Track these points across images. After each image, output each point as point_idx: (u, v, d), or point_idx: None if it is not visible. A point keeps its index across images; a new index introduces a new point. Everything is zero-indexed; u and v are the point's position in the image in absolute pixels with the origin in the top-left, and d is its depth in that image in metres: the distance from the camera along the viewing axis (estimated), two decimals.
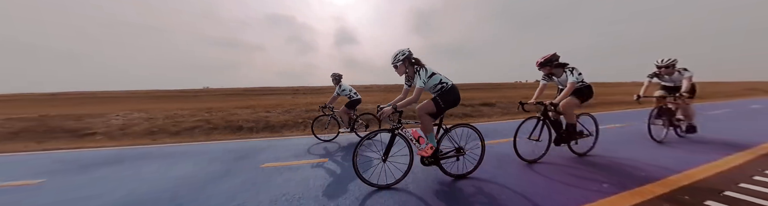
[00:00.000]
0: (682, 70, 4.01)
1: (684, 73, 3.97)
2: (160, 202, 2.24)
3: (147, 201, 2.27)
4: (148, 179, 2.88)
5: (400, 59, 2.44)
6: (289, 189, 2.44)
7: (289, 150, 4.05)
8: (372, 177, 2.49)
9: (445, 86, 2.56)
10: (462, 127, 2.81)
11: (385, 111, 2.31)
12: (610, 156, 3.38)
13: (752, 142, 3.97)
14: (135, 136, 6.13)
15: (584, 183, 2.50)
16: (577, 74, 3.11)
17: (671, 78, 4.16)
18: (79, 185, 2.74)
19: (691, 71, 3.95)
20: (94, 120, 7.18)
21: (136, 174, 3.09)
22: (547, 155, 3.26)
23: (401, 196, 2.25)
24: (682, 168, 2.86)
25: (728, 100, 13.42)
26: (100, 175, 3.07)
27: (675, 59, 3.96)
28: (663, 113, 4.19)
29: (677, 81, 4.17)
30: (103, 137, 6.12)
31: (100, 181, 2.85)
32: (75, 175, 3.09)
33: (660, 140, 4.11)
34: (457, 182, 2.59)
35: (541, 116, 3.19)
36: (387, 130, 2.46)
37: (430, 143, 2.54)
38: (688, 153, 3.48)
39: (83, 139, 6.00)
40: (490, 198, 2.18)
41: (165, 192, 2.45)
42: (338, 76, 4.81)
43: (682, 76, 3.98)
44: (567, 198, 2.14)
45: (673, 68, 4.02)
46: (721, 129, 5.03)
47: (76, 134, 6.30)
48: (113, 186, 2.67)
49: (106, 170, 3.28)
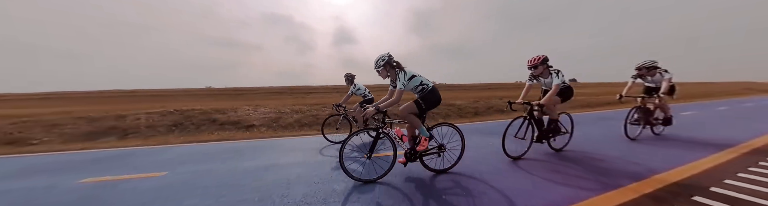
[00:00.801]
0: (662, 71, 4.20)
1: (664, 74, 4.18)
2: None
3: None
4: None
5: (380, 64, 2.61)
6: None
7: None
8: (357, 172, 2.68)
9: (426, 88, 2.72)
10: (443, 126, 2.97)
11: (368, 112, 2.49)
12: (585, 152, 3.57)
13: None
14: (291, 128, 6.97)
15: (564, 179, 2.67)
16: (561, 76, 3.29)
17: (653, 79, 4.38)
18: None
19: (671, 72, 4.15)
20: (235, 114, 7.83)
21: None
22: (528, 152, 3.46)
23: (385, 189, 2.46)
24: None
25: (729, 98, 15.03)
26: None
27: (655, 60, 4.18)
28: (641, 112, 4.43)
29: (658, 82, 4.36)
30: (266, 128, 6.80)
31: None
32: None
33: (634, 137, 4.38)
34: (437, 176, 2.79)
35: (527, 115, 3.37)
36: (372, 129, 2.62)
37: (424, 135, 2.75)
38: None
39: (250, 130, 6.66)
40: (466, 191, 2.38)
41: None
42: (351, 76, 4.95)
43: (663, 77, 4.19)
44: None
45: (655, 70, 4.22)
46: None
47: (238, 126, 6.94)
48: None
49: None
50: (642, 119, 4.42)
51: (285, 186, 2.55)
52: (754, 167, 2.85)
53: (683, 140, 4.33)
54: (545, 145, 3.64)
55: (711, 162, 3.09)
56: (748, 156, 3.29)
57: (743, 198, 2.11)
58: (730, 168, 2.83)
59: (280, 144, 4.71)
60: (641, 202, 2.08)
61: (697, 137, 4.45)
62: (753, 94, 20.05)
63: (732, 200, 2.09)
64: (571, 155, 3.53)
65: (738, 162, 3.05)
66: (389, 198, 2.26)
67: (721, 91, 22.71)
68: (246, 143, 4.88)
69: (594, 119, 7.11)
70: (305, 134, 5.91)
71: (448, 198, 2.22)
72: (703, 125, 5.83)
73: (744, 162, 3.04)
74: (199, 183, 2.68)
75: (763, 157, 3.21)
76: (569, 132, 3.79)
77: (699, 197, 2.15)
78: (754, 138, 4.31)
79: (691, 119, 6.63)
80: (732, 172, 2.71)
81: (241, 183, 2.65)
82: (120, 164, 3.60)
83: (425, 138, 2.73)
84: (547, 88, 3.54)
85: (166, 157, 3.91)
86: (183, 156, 3.96)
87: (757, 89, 27.21)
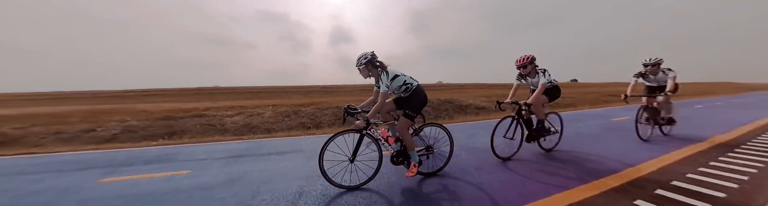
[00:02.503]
0: (666, 70, 4.10)
1: (668, 73, 4.06)
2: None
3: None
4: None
5: (362, 62, 2.48)
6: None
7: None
8: (337, 177, 2.48)
9: (411, 87, 2.60)
10: (431, 126, 2.86)
11: (358, 124, 2.37)
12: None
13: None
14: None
15: (550, 177, 2.57)
16: (548, 75, 3.25)
17: (656, 78, 4.25)
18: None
19: (675, 71, 4.04)
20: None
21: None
22: (518, 152, 3.37)
23: (371, 196, 2.28)
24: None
25: (733, 94, 19.95)
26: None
27: (661, 58, 4.03)
28: (649, 112, 4.31)
29: (661, 81, 4.25)
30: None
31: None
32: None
33: (646, 138, 4.21)
34: (426, 180, 2.63)
35: (515, 115, 3.30)
36: (355, 130, 2.49)
37: (413, 160, 2.61)
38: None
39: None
40: (452, 194, 2.25)
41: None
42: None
43: (667, 76, 4.07)
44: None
45: (658, 68, 4.11)
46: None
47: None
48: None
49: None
50: (651, 119, 4.30)
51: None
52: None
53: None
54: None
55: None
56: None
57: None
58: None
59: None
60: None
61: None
62: (743, 92, 25.03)
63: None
64: (561, 155, 3.46)
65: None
66: (373, 201, 2.11)
67: (720, 89, 28.40)
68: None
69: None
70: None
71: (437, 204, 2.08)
72: (740, 106, 9.38)
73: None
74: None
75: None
76: (559, 132, 3.73)
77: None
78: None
79: (731, 104, 10.19)
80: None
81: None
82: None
83: (414, 164, 2.57)
84: (535, 87, 3.51)
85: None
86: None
87: (746, 88, 33.84)
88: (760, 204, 1.98)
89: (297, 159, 3.50)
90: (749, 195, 2.12)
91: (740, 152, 3.37)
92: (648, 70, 4.13)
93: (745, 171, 2.64)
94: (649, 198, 2.07)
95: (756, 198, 2.06)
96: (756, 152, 3.36)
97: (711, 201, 2.01)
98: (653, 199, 2.06)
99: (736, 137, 4.32)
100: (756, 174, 2.59)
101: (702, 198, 2.05)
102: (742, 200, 2.04)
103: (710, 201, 2.02)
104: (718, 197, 2.08)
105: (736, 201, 2.03)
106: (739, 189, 2.22)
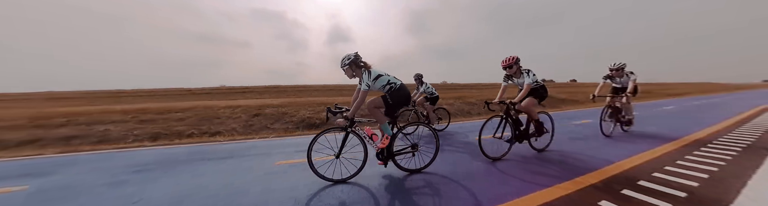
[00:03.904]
0: (629, 73, 4.60)
1: (630, 76, 4.57)
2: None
3: None
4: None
5: (346, 63, 2.63)
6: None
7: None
8: (328, 172, 2.62)
9: (394, 86, 2.73)
10: (417, 125, 2.95)
11: (339, 122, 2.52)
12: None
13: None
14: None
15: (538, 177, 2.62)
16: (532, 75, 3.34)
17: (621, 80, 4.75)
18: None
19: (636, 74, 4.56)
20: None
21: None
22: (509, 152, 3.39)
23: (355, 189, 2.40)
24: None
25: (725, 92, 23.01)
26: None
27: (624, 63, 4.56)
28: (612, 111, 4.75)
29: (625, 83, 4.72)
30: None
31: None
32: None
33: (609, 134, 4.64)
34: (410, 176, 2.73)
35: (503, 114, 3.35)
36: (340, 128, 2.62)
37: (387, 133, 2.71)
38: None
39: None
40: (434, 190, 2.33)
41: None
42: (420, 76, 5.49)
43: (629, 78, 4.55)
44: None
45: (622, 71, 4.60)
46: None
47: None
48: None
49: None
50: (613, 116, 4.76)
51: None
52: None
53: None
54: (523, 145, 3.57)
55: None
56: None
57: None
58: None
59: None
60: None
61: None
62: (730, 90, 28.87)
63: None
64: (552, 155, 3.46)
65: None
66: (356, 197, 2.21)
67: (711, 88, 32.95)
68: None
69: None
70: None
71: (417, 198, 2.17)
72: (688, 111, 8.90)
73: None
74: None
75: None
76: (550, 132, 3.74)
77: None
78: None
79: (683, 108, 9.98)
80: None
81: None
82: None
83: (387, 136, 2.69)
84: (522, 87, 3.57)
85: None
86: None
87: (732, 87, 40.62)
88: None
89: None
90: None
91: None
92: (613, 73, 4.63)
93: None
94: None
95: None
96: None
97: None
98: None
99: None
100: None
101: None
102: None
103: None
104: None
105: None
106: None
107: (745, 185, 2.28)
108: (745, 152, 3.33)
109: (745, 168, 2.72)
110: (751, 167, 2.77)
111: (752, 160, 3.01)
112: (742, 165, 2.83)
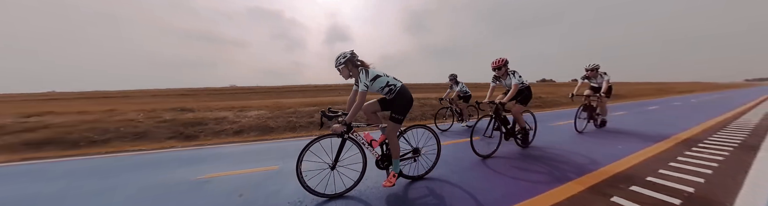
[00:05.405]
0: (602, 74, 4.78)
1: (604, 76, 4.76)
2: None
3: None
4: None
5: (341, 61, 2.24)
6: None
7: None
8: (319, 187, 2.24)
9: (394, 89, 2.40)
10: (418, 128, 2.67)
11: (336, 128, 2.09)
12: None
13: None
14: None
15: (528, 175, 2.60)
16: (518, 76, 3.44)
17: (597, 80, 4.96)
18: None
19: (610, 75, 4.78)
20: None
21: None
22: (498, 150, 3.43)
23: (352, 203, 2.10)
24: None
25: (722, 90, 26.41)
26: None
27: (597, 64, 4.78)
28: (587, 109, 4.94)
29: (600, 82, 4.90)
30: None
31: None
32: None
33: (581, 130, 4.82)
34: (414, 183, 2.50)
35: (493, 114, 3.42)
36: (336, 134, 2.22)
37: (393, 170, 2.42)
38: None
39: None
40: (439, 199, 2.14)
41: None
42: (455, 76, 5.71)
43: (603, 79, 4.74)
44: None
45: (597, 72, 4.79)
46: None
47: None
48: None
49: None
50: (588, 114, 4.95)
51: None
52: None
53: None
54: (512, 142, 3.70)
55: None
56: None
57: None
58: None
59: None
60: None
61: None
62: (722, 89, 32.17)
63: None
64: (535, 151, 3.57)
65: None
66: None
67: (707, 87, 36.17)
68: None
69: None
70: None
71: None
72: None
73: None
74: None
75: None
76: (533, 129, 3.90)
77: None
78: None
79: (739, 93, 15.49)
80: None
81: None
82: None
83: (394, 174, 2.38)
84: (509, 88, 3.63)
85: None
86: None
87: (724, 86, 43.11)
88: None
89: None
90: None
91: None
92: (588, 74, 4.81)
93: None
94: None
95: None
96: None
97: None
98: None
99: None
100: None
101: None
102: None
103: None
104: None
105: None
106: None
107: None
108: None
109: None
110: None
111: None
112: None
